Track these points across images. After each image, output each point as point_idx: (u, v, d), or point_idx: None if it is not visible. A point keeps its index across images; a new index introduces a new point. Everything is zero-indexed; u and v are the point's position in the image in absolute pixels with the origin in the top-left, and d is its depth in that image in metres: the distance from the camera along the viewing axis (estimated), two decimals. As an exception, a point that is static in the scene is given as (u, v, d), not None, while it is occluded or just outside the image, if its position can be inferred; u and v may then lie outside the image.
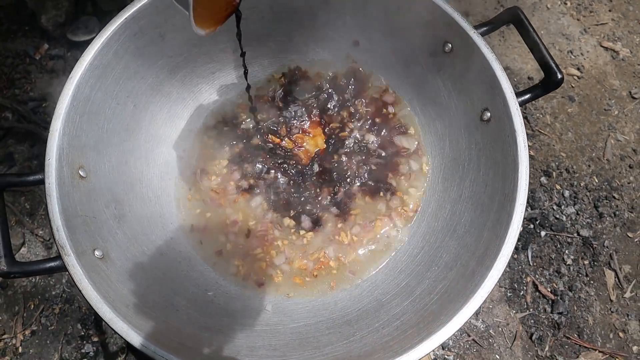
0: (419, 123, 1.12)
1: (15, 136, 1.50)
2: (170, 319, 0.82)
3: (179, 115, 1.14)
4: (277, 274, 1.03)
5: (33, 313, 1.28)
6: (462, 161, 0.99)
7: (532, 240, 1.41)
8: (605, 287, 1.37)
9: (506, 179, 0.83)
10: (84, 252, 0.78)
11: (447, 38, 0.96)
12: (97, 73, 0.91)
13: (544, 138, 1.55)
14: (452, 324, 0.72)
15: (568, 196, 1.47)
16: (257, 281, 1.02)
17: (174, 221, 1.06)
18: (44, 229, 1.38)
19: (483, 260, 0.79)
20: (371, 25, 1.07)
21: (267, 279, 1.02)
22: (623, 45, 1.73)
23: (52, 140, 0.82)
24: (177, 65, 1.08)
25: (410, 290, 0.90)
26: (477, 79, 0.92)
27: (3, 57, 1.62)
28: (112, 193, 0.93)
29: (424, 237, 0.99)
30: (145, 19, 0.95)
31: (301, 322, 0.91)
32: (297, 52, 1.18)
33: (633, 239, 1.43)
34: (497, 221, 0.82)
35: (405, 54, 1.06)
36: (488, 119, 0.92)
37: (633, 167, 1.53)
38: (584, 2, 1.80)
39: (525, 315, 1.32)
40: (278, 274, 1.03)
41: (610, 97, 1.63)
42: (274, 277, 1.03)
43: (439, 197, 1.02)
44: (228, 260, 1.04)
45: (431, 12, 0.94)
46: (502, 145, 0.86)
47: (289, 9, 1.08)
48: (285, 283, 1.03)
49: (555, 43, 1.71)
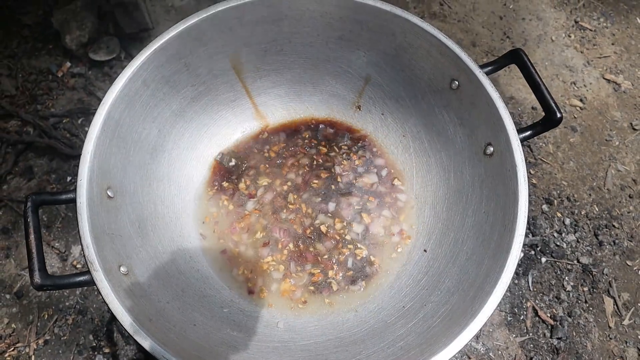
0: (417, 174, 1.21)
1: (36, 150, 1.56)
2: (189, 334, 0.87)
3: (200, 140, 1.20)
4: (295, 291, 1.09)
5: (47, 323, 1.32)
6: (465, 192, 1.04)
7: (532, 266, 1.44)
8: (604, 314, 1.40)
9: (506, 211, 0.88)
10: (111, 268, 0.83)
11: (454, 76, 1.02)
12: (127, 100, 0.97)
13: (546, 167, 1.60)
14: (453, 346, 0.77)
15: (569, 224, 1.51)
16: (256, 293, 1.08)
17: (193, 241, 1.11)
18: (60, 241, 1.43)
19: (483, 287, 0.83)
20: (383, 61, 1.13)
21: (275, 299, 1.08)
22: (625, 78, 1.77)
23: (84, 162, 0.88)
24: (200, 93, 1.14)
25: (414, 313, 0.94)
26: (482, 115, 0.97)
27: (27, 73, 1.69)
28: (137, 212, 0.98)
29: (429, 262, 1.04)
30: (172, 50, 1.02)
31: (311, 340, 0.96)
32: (312, 84, 1.24)
33: (632, 267, 1.46)
34: (497, 250, 0.87)
35: (415, 88, 1.12)
36: (491, 153, 0.97)
37: (633, 197, 1.56)
38: (588, 35, 1.85)
39: (525, 340, 1.35)
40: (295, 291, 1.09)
41: (612, 128, 1.68)
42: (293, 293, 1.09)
43: (443, 226, 1.07)
44: (241, 280, 1.11)
45: (440, 50, 1.00)
46: (504, 179, 0.91)
47: (306, 42, 1.14)
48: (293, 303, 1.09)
49: (559, 74, 1.76)
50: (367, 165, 1.24)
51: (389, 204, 1.18)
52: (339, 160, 1.24)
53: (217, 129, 1.22)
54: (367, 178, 1.21)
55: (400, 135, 1.22)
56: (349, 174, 1.23)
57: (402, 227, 1.16)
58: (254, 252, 1.12)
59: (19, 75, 1.68)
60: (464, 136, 1.04)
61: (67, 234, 1.44)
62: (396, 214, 1.17)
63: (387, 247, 1.14)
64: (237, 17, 1.04)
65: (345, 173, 1.23)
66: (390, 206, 1.18)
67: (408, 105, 1.16)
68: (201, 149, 1.20)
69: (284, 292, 1.09)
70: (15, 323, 1.33)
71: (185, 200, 1.14)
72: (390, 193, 1.20)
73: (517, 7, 1.90)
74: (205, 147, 1.21)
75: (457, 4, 1.89)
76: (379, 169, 1.23)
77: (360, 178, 1.21)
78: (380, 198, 1.20)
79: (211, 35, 1.05)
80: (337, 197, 1.20)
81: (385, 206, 1.18)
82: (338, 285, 1.09)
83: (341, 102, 1.26)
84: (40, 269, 0.79)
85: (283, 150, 1.26)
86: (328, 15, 1.06)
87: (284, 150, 1.26)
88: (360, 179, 1.21)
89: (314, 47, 1.14)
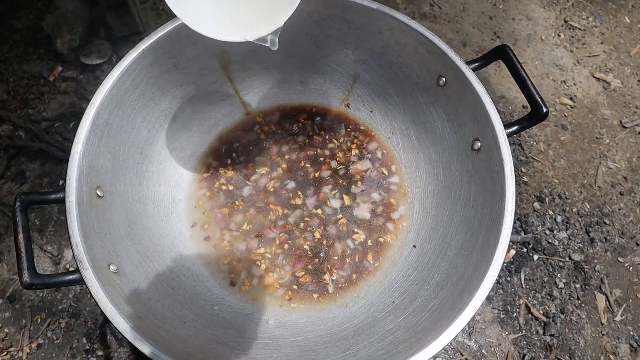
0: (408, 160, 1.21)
1: (28, 154, 1.56)
2: (179, 331, 0.87)
3: (190, 139, 1.20)
4: (278, 289, 1.09)
5: (40, 327, 1.32)
6: (454, 187, 1.05)
7: (525, 264, 1.45)
8: (596, 310, 1.40)
9: (494, 205, 0.89)
10: (100, 266, 0.83)
11: (441, 72, 1.03)
12: (116, 100, 0.97)
13: (538, 165, 1.61)
14: (442, 339, 0.77)
15: (560, 221, 1.52)
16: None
17: (183, 239, 1.11)
18: (52, 245, 1.43)
19: (471, 280, 0.84)
20: (371, 59, 1.14)
21: (269, 294, 1.08)
22: (614, 77, 1.79)
23: (72, 161, 0.88)
24: (189, 93, 1.14)
25: (404, 308, 0.94)
26: (469, 111, 0.98)
27: (18, 78, 1.69)
28: (126, 212, 0.98)
29: (418, 258, 1.04)
30: (161, 50, 1.02)
31: (301, 336, 0.96)
32: (300, 83, 1.25)
33: (623, 263, 1.47)
34: (485, 244, 0.87)
35: (403, 86, 1.13)
36: (478, 149, 0.98)
37: (623, 194, 1.57)
38: (577, 34, 1.87)
39: (518, 337, 1.35)
40: (278, 289, 1.09)
41: (602, 126, 1.69)
42: (275, 290, 1.09)
43: (432, 221, 1.08)
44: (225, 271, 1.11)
45: (427, 47, 1.01)
46: (491, 174, 0.92)
47: (295, 42, 1.14)
48: (284, 299, 1.09)
49: (549, 73, 1.77)
50: (361, 151, 1.24)
51: (380, 199, 1.19)
52: (335, 151, 1.25)
53: (207, 128, 1.23)
54: (361, 165, 1.21)
55: (389, 132, 1.23)
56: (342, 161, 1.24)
57: (392, 222, 1.16)
58: (243, 245, 1.13)
59: (11, 80, 1.68)
60: (451, 132, 1.05)
61: (59, 237, 1.44)
62: (386, 208, 1.17)
63: (379, 244, 1.15)
64: (225, 17, 1.05)
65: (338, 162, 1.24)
66: (381, 201, 1.18)
67: (396, 103, 1.17)
68: (190, 148, 1.20)
69: (269, 286, 1.09)
70: (8, 327, 1.33)
71: (175, 200, 1.14)
72: (381, 186, 1.20)
73: (507, 7, 1.92)
74: (195, 146, 1.21)
75: (447, 5, 1.91)
76: (373, 155, 1.24)
77: (354, 165, 1.21)
78: (372, 191, 1.20)
79: (199, 35, 1.04)
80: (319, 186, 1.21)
81: (377, 199, 1.19)
82: (333, 286, 1.10)
83: (330, 100, 1.27)
84: (29, 267, 0.79)
85: (276, 138, 1.27)
86: (316, 14, 1.07)
87: (277, 138, 1.27)
88: (353, 166, 1.21)
89: (302, 45, 1.15)
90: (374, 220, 1.16)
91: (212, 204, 1.17)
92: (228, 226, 1.15)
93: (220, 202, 1.18)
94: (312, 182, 1.21)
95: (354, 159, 1.23)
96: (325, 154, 1.24)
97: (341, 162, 1.23)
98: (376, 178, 1.21)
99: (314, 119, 1.28)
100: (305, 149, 1.25)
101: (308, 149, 1.25)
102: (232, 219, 1.16)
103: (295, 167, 1.22)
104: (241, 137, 1.26)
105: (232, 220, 1.16)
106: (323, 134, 1.26)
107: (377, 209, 1.17)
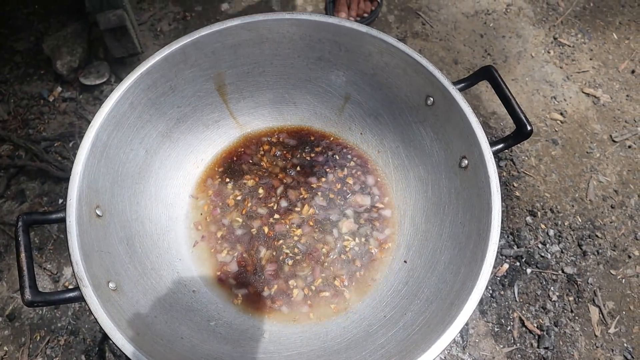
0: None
1: (28, 174, 1.59)
2: (176, 346, 0.89)
3: (186, 160, 1.23)
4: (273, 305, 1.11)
5: (39, 344, 1.33)
6: (442, 204, 1.07)
7: (518, 277, 1.47)
8: (590, 322, 1.42)
9: (481, 221, 0.91)
10: (99, 284, 0.85)
11: (429, 92, 1.05)
12: (114, 122, 1.00)
13: (529, 179, 1.64)
14: (431, 352, 0.79)
15: (552, 235, 1.54)
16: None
17: (180, 257, 1.13)
18: (52, 263, 1.45)
19: (460, 294, 0.86)
20: (361, 80, 1.17)
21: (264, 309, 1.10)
22: (604, 92, 1.83)
23: (73, 182, 0.90)
24: (185, 115, 1.17)
25: (395, 322, 0.96)
26: (456, 130, 1.01)
27: (19, 99, 1.73)
28: (125, 231, 1.01)
29: (409, 273, 1.06)
30: (158, 74, 1.05)
31: (295, 351, 0.98)
32: (294, 104, 1.28)
33: (616, 276, 1.49)
34: (473, 258, 0.89)
35: (392, 106, 1.16)
36: (466, 166, 1.00)
37: (615, 207, 1.60)
38: (567, 51, 1.91)
39: (512, 350, 1.37)
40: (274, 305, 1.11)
41: (592, 141, 1.72)
42: (271, 306, 1.11)
43: (422, 237, 1.10)
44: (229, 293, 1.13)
45: (415, 69, 1.04)
46: (478, 190, 0.95)
47: (287, 64, 1.18)
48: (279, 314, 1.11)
49: (540, 89, 1.81)
50: (359, 182, 1.26)
51: (374, 218, 1.21)
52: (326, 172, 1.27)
53: (203, 148, 1.25)
54: (361, 198, 1.24)
55: (378, 151, 1.26)
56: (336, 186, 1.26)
57: (383, 238, 1.19)
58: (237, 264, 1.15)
59: (11, 101, 1.72)
60: (440, 150, 1.08)
61: (59, 256, 1.47)
62: (378, 225, 1.20)
63: (371, 260, 1.17)
64: (219, 41, 1.08)
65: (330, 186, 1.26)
66: (374, 220, 1.21)
67: (387, 122, 1.20)
68: (187, 168, 1.23)
69: (264, 302, 1.11)
70: (8, 345, 1.34)
71: (172, 219, 1.16)
72: (374, 208, 1.23)
73: (497, 25, 1.96)
74: (192, 166, 1.24)
75: (439, 24, 1.95)
76: (371, 188, 1.26)
77: (354, 196, 1.24)
78: (367, 213, 1.22)
79: (195, 59, 1.08)
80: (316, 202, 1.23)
81: (370, 220, 1.21)
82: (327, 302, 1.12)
83: (322, 120, 1.30)
84: (30, 286, 0.82)
85: (272, 159, 1.29)
86: (307, 37, 1.10)
87: (272, 159, 1.29)
88: (352, 197, 1.24)
89: (295, 67, 1.18)
90: (365, 236, 1.18)
91: (209, 222, 1.20)
92: (224, 245, 1.17)
93: (217, 221, 1.20)
94: (306, 200, 1.23)
95: (352, 183, 1.26)
96: (319, 172, 1.26)
97: (334, 183, 1.25)
98: (367, 193, 1.24)
99: (309, 139, 1.31)
100: (301, 168, 1.27)
101: (303, 168, 1.27)
102: (229, 238, 1.18)
103: (289, 185, 1.25)
104: (237, 158, 1.29)
105: (229, 239, 1.18)
106: (317, 155, 1.29)
107: (368, 226, 1.19)
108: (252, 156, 1.29)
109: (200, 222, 1.20)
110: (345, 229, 1.19)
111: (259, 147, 1.29)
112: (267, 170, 1.26)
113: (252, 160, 1.28)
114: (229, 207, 1.21)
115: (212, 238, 1.18)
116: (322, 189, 1.24)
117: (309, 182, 1.25)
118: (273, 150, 1.29)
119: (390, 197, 1.22)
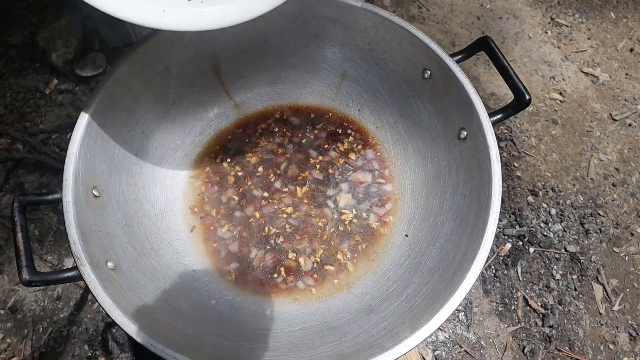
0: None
1: (26, 167, 1.58)
2: (176, 323, 0.88)
3: (183, 140, 1.22)
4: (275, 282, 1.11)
5: (42, 336, 1.33)
6: (442, 176, 1.07)
7: (521, 257, 1.46)
8: (594, 300, 1.41)
9: (482, 191, 0.91)
10: (98, 263, 0.85)
11: (426, 65, 1.05)
12: (110, 103, 1.00)
13: (530, 159, 1.62)
14: (434, 322, 0.78)
15: (555, 214, 1.53)
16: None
17: (179, 237, 1.13)
18: (52, 254, 1.44)
19: (462, 264, 0.85)
20: (358, 56, 1.16)
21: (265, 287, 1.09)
22: (602, 71, 1.81)
23: (69, 162, 0.90)
24: (181, 95, 1.16)
25: (398, 295, 0.96)
26: (454, 102, 1.00)
27: (15, 92, 1.72)
28: (123, 211, 1.00)
29: (410, 246, 1.06)
30: (153, 54, 1.05)
31: (297, 327, 0.97)
32: (291, 82, 1.27)
33: (619, 253, 1.48)
34: (474, 229, 0.89)
35: (389, 80, 1.15)
36: (465, 137, 1.00)
37: (616, 185, 1.59)
38: (564, 31, 1.90)
39: (517, 329, 1.36)
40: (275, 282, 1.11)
41: (592, 120, 1.71)
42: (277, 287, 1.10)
43: (423, 210, 1.09)
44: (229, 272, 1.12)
45: (410, 42, 1.04)
46: (478, 161, 0.94)
47: (283, 42, 1.17)
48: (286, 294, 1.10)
49: (538, 70, 1.80)
50: (362, 161, 1.26)
51: (372, 191, 1.20)
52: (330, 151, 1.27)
53: (200, 129, 1.25)
54: (361, 175, 1.23)
55: (377, 127, 1.25)
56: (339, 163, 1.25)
57: (384, 213, 1.18)
58: (237, 242, 1.15)
59: (8, 94, 1.71)
60: (438, 123, 1.07)
61: (59, 247, 1.46)
62: (378, 200, 1.19)
63: (372, 235, 1.16)
64: (214, 20, 1.07)
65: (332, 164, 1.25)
66: (373, 193, 1.20)
67: (384, 97, 1.19)
68: (184, 149, 1.22)
69: (265, 279, 1.11)
70: (10, 337, 1.33)
71: (170, 199, 1.15)
72: (374, 179, 1.22)
73: (494, 6, 1.95)
74: (188, 147, 1.23)
75: (435, 7, 1.94)
76: (371, 162, 1.26)
77: (355, 174, 1.23)
78: (364, 183, 1.22)
79: (190, 39, 1.08)
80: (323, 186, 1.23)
81: (369, 191, 1.20)
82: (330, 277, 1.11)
83: (320, 98, 1.29)
84: (28, 265, 0.81)
85: (270, 138, 1.29)
86: (302, 15, 1.10)
87: (270, 137, 1.29)
88: (354, 175, 1.24)
89: (291, 45, 1.17)
90: (366, 211, 1.18)
91: (207, 202, 1.19)
92: (222, 223, 1.16)
93: (215, 201, 1.19)
94: (306, 177, 1.23)
95: (352, 156, 1.25)
96: (318, 148, 1.26)
97: (334, 158, 1.24)
98: (367, 169, 1.23)
99: (307, 116, 1.30)
100: (299, 145, 1.27)
101: (302, 145, 1.27)
102: (227, 217, 1.17)
103: (288, 163, 1.24)
104: (234, 138, 1.28)
105: (227, 217, 1.17)
106: (316, 131, 1.28)
107: (369, 200, 1.19)
108: (251, 135, 1.28)
109: (199, 202, 1.20)
110: (343, 202, 1.19)
111: (256, 126, 1.28)
112: (265, 147, 1.25)
113: (249, 140, 1.27)
114: (228, 185, 1.21)
115: (210, 217, 1.17)
116: (322, 163, 1.23)
117: (308, 158, 1.24)
118: (271, 127, 1.29)
119: (391, 170, 1.21)
